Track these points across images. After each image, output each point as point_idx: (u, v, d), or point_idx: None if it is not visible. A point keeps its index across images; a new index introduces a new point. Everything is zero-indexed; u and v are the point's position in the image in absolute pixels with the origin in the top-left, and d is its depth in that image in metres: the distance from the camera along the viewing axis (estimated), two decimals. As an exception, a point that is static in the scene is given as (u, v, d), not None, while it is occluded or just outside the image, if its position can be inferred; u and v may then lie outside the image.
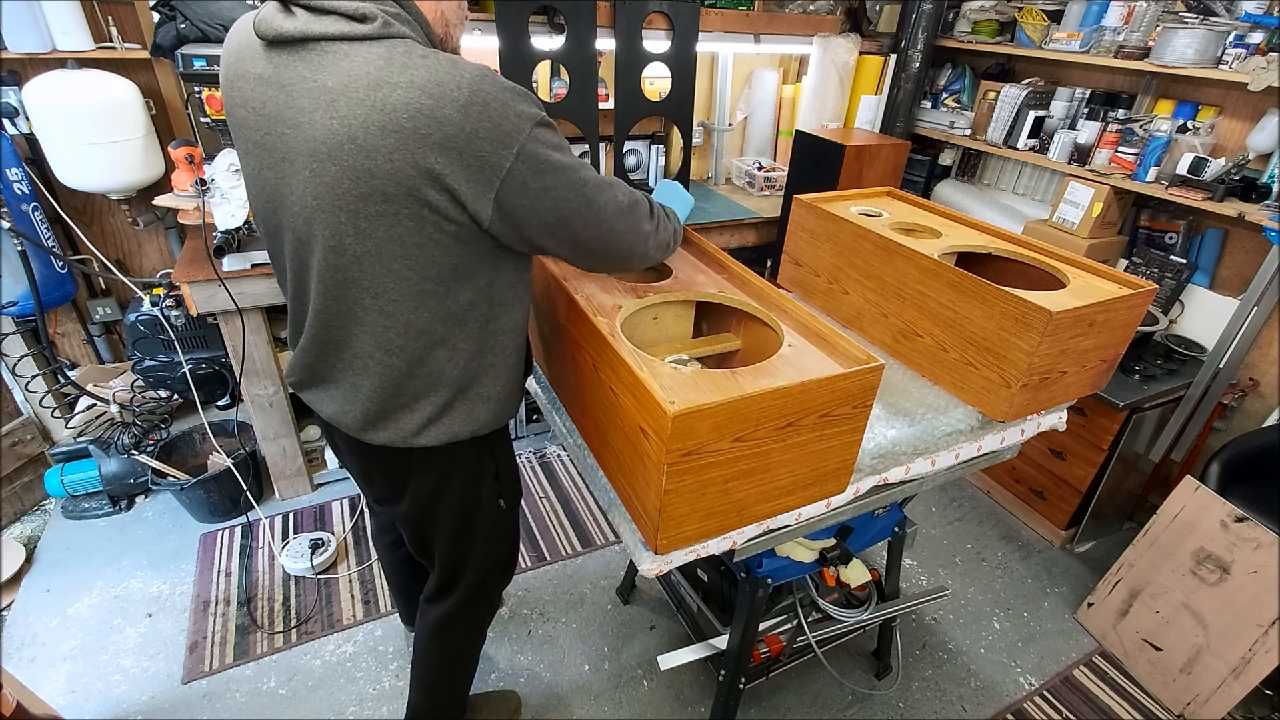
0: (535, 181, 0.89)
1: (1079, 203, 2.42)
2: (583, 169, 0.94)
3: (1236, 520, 1.79)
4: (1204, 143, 2.22)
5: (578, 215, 0.95)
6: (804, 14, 2.91)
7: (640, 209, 1.05)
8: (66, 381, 2.31)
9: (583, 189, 0.94)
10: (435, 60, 0.84)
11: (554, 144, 0.90)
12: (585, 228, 0.97)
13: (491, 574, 1.39)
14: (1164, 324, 2.35)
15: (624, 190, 1.02)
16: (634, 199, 1.04)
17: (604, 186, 0.98)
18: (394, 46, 0.85)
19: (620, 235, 1.02)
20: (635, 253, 1.07)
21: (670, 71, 2.61)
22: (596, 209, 0.97)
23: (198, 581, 2.11)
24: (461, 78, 0.83)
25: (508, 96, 0.86)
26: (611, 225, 1.00)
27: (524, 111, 0.86)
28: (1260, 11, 2.03)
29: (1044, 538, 2.51)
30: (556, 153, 0.90)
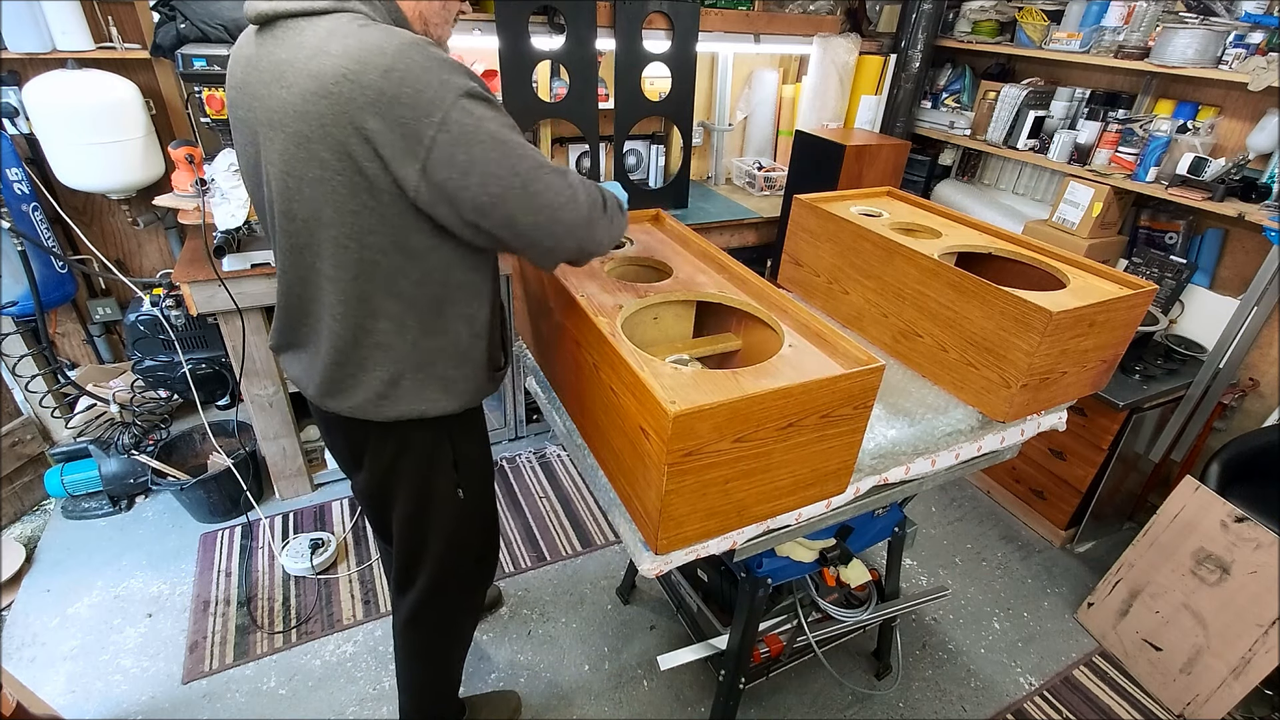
0: (463, 154, 0.87)
1: (1079, 203, 2.42)
2: (520, 148, 0.91)
3: (1236, 520, 1.79)
4: (1204, 143, 2.22)
5: (512, 196, 0.91)
6: (804, 14, 2.91)
7: (586, 197, 1.00)
8: (66, 381, 2.31)
9: (516, 167, 0.90)
10: (372, 30, 0.86)
11: (486, 117, 0.88)
12: (523, 211, 0.93)
13: (457, 570, 1.36)
14: (1164, 324, 2.35)
15: (572, 177, 0.98)
16: (580, 186, 0.99)
17: (543, 169, 0.94)
18: (340, 19, 0.88)
19: (564, 223, 0.97)
20: (583, 245, 1.03)
21: (670, 71, 2.61)
22: (533, 192, 0.93)
23: (198, 581, 2.10)
24: (389, 45, 0.84)
25: (434, 65, 0.85)
26: (553, 212, 0.96)
27: (449, 80, 0.85)
28: (1260, 11, 2.03)
29: (1044, 538, 2.51)
30: (489, 125, 0.88)
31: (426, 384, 1.10)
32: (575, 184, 0.98)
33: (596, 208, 1.02)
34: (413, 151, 0.86)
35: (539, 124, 2.59)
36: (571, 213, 0.97)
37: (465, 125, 0.86)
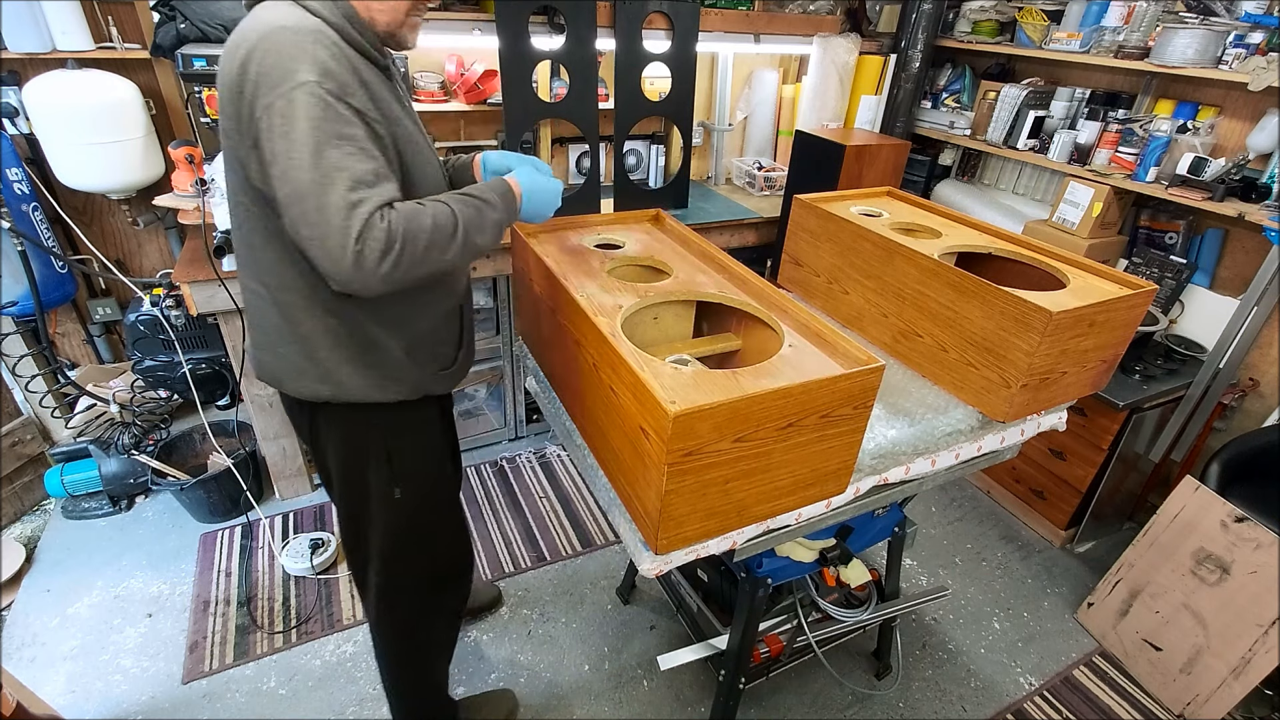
0: (271, 144, 0.88)
1: (1079, 203, 2.42)
2: (320, 159, 0.87)
3: (1236, 520, 1.79)
4: (1204, 143, 2.22)
5: (294, 204, 0.89)
6: (804, 14, 2.91)
7: (368, 234, 0.89)
8: (66, 381, 2.31)
9: (305, 176, 0.87)
10: (269, 13, 0.92)
11: (306, 115, 0.87)
12: (302, 223, 0.90)
13: (402, 585, 1.34)
14: (1164, 324, 2.35)
15: (360, 211, 0.88)
16: (357, 224, 0.88)
17: (329, 189, 0.87)
18: (267, 6, 0.95)
19: (327, 254, 0.89)
20: (346, 285, 0.93)
21: (670, 71, 2.61)
22: (307, 209, 0.88)
23: (198, 581, 2.10)
24: (267, 26, 0.89)
25: (291, 51, 0.88)
26: (321, 240, 0.89)
27: (293, 69, 0.87)
28: (1260, 11, 2.03)
29: (1044, 538, 2.51)
30: (303, 124, 0.86)
31: (331, 367, 1.11)
32: (357, 221, 0.88)
33: (374, 252, 0.89)
34: (248, 131, 0.92)
35: (539, 124, 2.59)
36: (336, 245, 0.88)
37: (284, 116, 0.87)
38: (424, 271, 0.97)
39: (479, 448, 2.79)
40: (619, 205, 2.71)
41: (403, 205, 0.94)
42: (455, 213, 1.00)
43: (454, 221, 0.99)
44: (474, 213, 1.03)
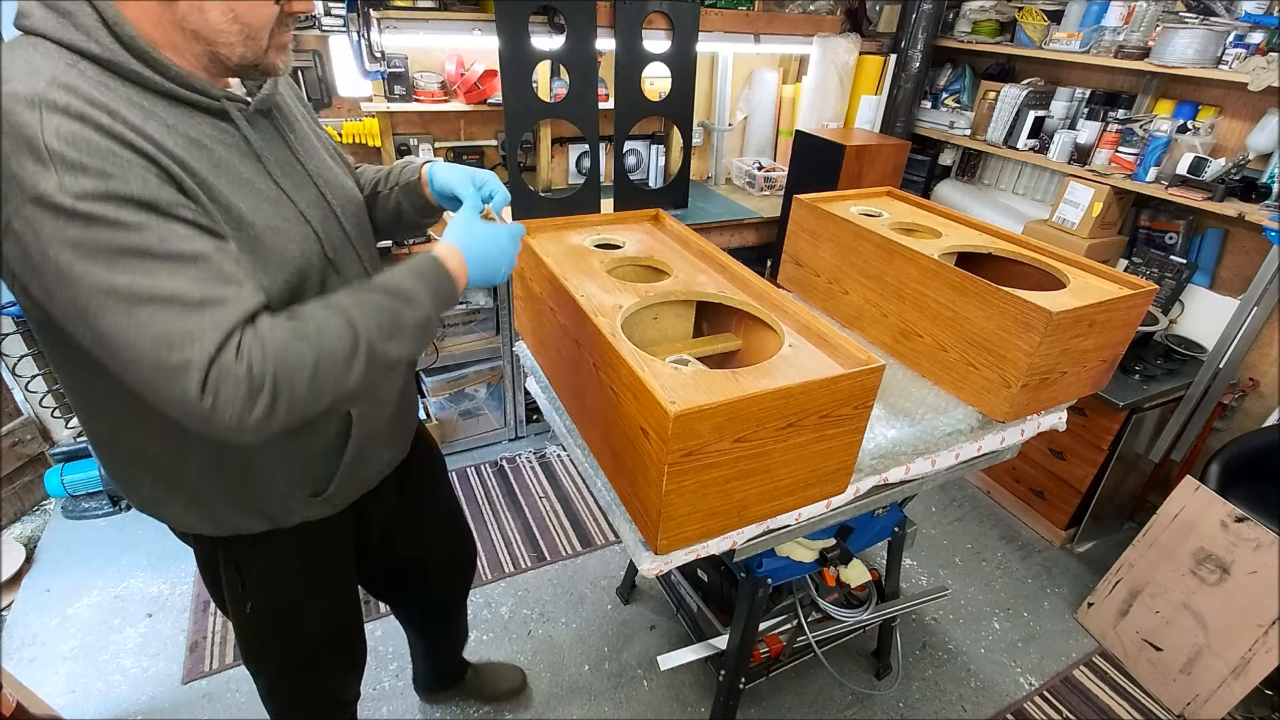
0: (28, 280, 0.65)
1: (1079, 203, 2.42)
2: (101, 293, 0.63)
3: (1236, 520, 1.79)
4: (1204, 143, 2.22)
5: (96, 349, 0.67)
6: (804, 14, 2.91)
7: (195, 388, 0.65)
8: (66, 381, 2.31)
9: (86, 324, 0.65)
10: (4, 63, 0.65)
11: (61, 241, 0.62)
12: (120, 371, 0.67)
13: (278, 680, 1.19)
14: (1164, 324, 2.35)
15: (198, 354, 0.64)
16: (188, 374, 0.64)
17: (131, 337, 0.64)
18: (10, 44, 0.68)
19: (163, 401, 0.67)
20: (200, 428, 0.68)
21: (670, 71, 2.61)
22: (117, 358, 0.66)
23: (198, 581, 2.10)
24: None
25: (11, 142, 0.61)
26: (142, 386, 0.67)
27: (18, 175, 0.61)
28: (1260, 11, 2.03)
29: (1044, 538, 2.51)
30: (58, 254, 0.62)
31: (142, 488, 0.91)
32: (192, 381, 0.64)
33: (233, 406, 0.66)
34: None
35: (539, 124, 2.60)
36: (175, 404, 0.66)
37: (28, 244, 0.63)
38: (319, 409, 0.74)
39: (479, 448, 2.79)
40: (619, 205, 2.72)
41: (269, 334, 0.68)
42: (355, 326, 0.74)
43: (352, 339, 0.74)
44: (386, 319, 0.77)
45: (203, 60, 0.74)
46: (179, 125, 0.72)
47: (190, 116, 0.74)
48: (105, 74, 0.68)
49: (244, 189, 0.77)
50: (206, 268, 0.67)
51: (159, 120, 0.70)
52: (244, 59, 0.75)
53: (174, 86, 0.72)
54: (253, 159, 0.80)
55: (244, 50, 0.74)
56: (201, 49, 0.73)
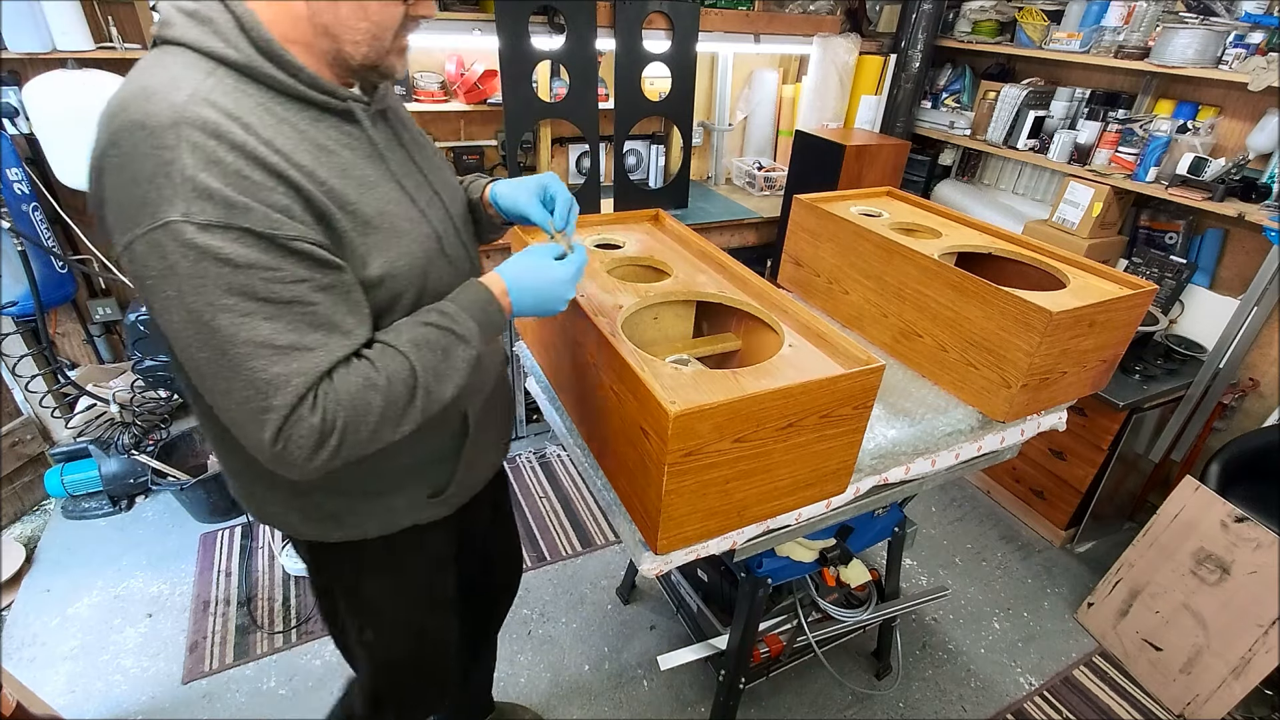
0: (139, 290, 0.68)
1: (1079, 203, 2.42)
2: (205, 327, 0.65)
3: (1236, 520, 1.79)
4: (1204, 143, 2.22)
5: (189, 369, 0.70)
6: (804, 14, 2.91)
7: (272, 432, 0.68)
8: (66, 381, 2.31)
9: (187, 347, 0.67)
10: (139, 78, 0.67)
11: (178, 271, 0.64)
12: (207, 394, 0.71)
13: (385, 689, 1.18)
14: (1164, 324, 2.35)
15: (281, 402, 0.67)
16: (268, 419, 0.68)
17: (225, 374, 0.67)
18: (152, 55, 0.70)
19: (247, 438, 0.71)
20: (274, 467, 0.72)
21: (670, 71, 2.61)
22: (216, 391, 0.69)
23: (198, 581, 2.10)
24: (119, 113, 0.65)
25: (145, 166, 0.63)
26: (238, 425, 0.70)
27: (148, 199, 0.62)
28: (1260, 11, 2.03)
29: (1044, 538, 2.51)
30: (173, 282, 0.64)
31: (266, 500, 0.94)
32: (270, 425, 0.68)
33: (302, 450, 0.70)
34: (119, 261, 0.69)
35: (539, 124, 2.60)
36: (252, 439, 0.70)
37: (148, 266, 0.64)
38: (371, 450, 0.76)
39: (479, 448, 2.79)
40: (619, 205, 2.72)
41: (344, 382, 0.71)
42: (415, 370, 0.76)
43: (411, 384, 0.76)
44: (440, 359, 0.79)
45: (326, 59, 0.75)
46: (309, 131, 0.73)
47: (318, 120, 0.75)
48: (241, 79, 0.69)
49: (370, 192, 0.78)
50: (304, 313, 0.69)
51: (290, 126, 0.71)
52: (367, 59, 0.76)
53: (305, 89, 0.72)
54: (377, 160, 0.81)
55: (368, 50, 0.75)
56: (328, 46, 0.74)
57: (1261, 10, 2.03)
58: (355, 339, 0.74)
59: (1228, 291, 2.31)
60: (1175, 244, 2.41)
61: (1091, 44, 2.43)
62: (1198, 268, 2.36)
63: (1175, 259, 2.37)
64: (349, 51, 0.75)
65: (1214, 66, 2.10)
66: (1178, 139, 2.23)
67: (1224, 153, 2.26)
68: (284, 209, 0.67)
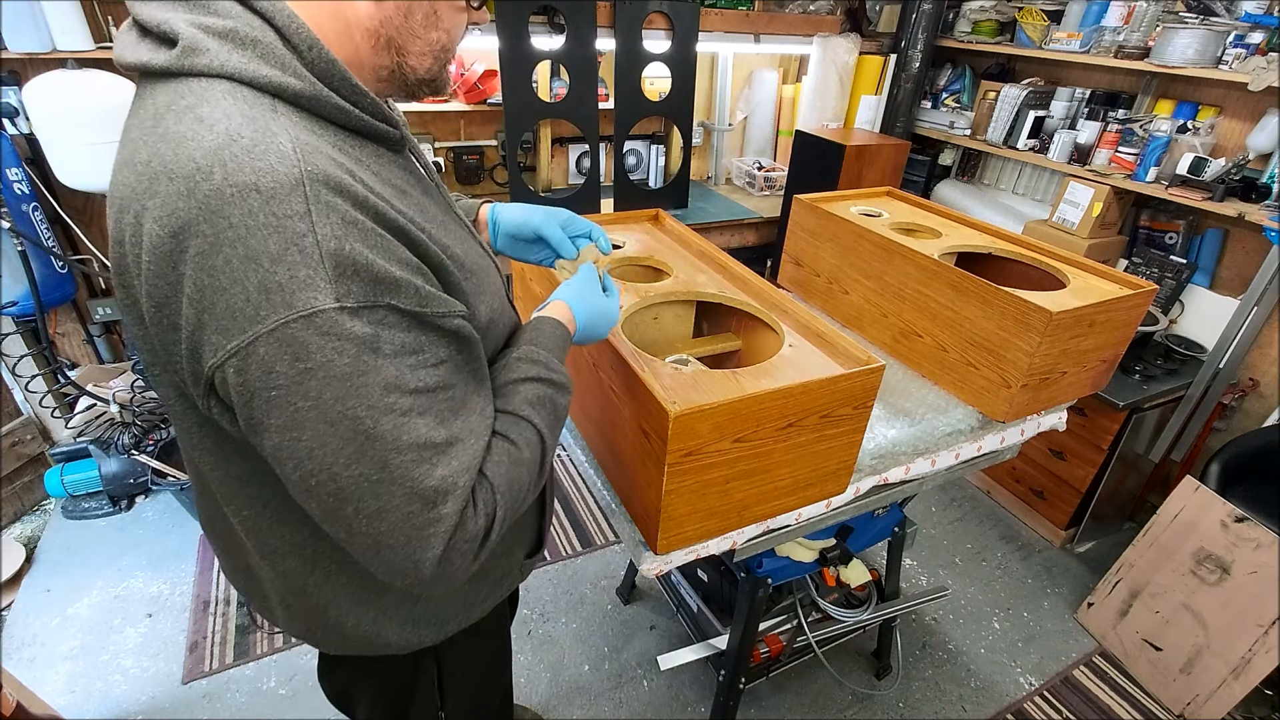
0: (247, 406, 0.53)
1: (1079, 203, 2.42)
2: (357, 435, 0.53)
3: (1236, 520, 1.79)
4: (1204, 143, 2.22)
5: (313, 497, 0.56)
6: (804, 14, 2.91)
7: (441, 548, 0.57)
8: (66, 381, 2.31)
9: (322, 468, 0.53)
10: (202, 126, 0.50)
11: (327, 374, 0.51)
12: (334, 524, 0.57)
13: None
14: (1164, 324, 2.35)
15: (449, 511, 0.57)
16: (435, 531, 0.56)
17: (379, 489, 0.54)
18: (180, 92, 0.53)
19: (390, 563, 0.58)
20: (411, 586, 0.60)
21: (670, 71, 2.61)
22: (343, 512, 0.55)
23: (198, 581, 2.10)
24: (207, 172, 0.49)
25: (271, 246, 0.48)
26: (379, 548, 0.57)
27: (282, 285, 0.49)
28: (1260, 11, 2.03)
29: (1044, 538, 2.51)
30: (317, 388, 0.51)
31: (365, 624, 0.79)
32: (439, 538, 0.57)
33: (465, 558, 0.59)
34: (192, 370, 0.54)
35: (539, 124, 2.59)
36: (405, 563, 0.57)
37: (274, 371, 0.50)
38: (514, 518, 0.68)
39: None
40: (619, 205, 2.72)
41: (495, 469, 0.62)
42: (541, 434, 0.69)
43: (542, 449, 0.69)
44: (551, 412, 0.72)
45: (380, 75, 0.64)
46: (382, 172, 0.61)
47: (380, 157, 0.62)
48: (305, 115, 0.55)
49: (447, 232, 0.67)
50: (447, 399, 0.59)
51: (368, 169, 0.59)
52: (429, 72, 0.65)
53: (370, 120, 0.60)
54: (435, 194, 0.71)
55: (432, 63, 0.65)
56: (388, 60, 0.62)
57: (1261, 10, 2.03)
58: (488, 416, 0.64)
59: (1228, 291, 2.31)
60: (1175, 244, 2.41)
61: (1091, 44, 2.43)
62: (1198, 268, 2.36)
63: (1175, 259, 2.37)
64: (413, 65, 0.63)
65: (1214, 66, 2.10)
66: (1178, 139, 2.23)
67: (1224, 153, 2.26)
68: (418, 269, 0.57)
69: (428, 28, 0.62)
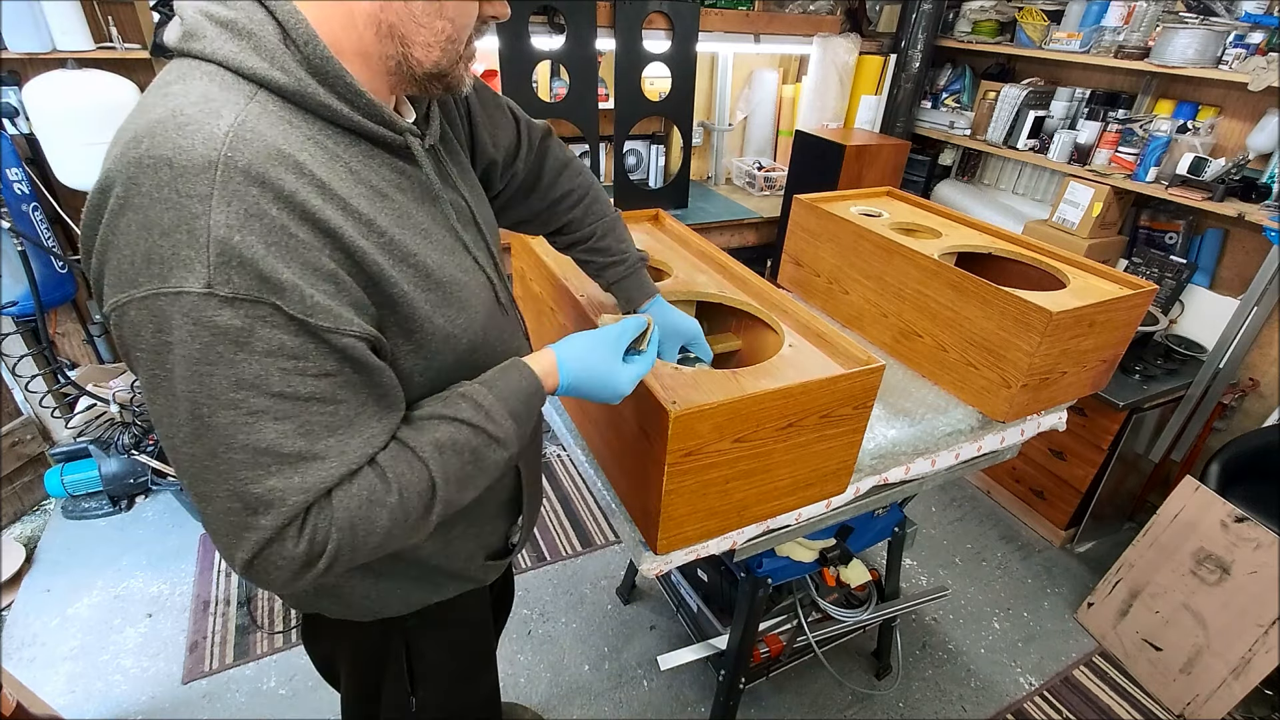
0: (126, 360, 0.57)
1: (1079, 203, 2.42)
2: (199, 420, 0.53)
3: (1236, 520, 1.79)
4: (1204, 143, 2.22)
5: (171, 462, 0.58)
6: (804, 14, 2.91)
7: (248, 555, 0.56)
8: (66, 381, 2.31)
9: (171, 438, 0.56)
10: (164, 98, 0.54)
11: (181, 352, 0.52)
12: (185, 479, 0.58)
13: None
14: (1164, 324, 2.35)
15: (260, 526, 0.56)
16: (244, 539, 0.56)
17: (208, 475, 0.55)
18: (172, 68, 0.58)
19: (220, 545, 0.58)
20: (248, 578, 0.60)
21: (670, 71, 2.61)
22: (185, 481, 0.57)
23: (198, 581, 2.10)
24: (132, 144, 0.52)
25: (162, 218, 0.50)
26: (211, 529, 0.58)
27: (159, 259, 0.51)
28: (1260, 11, 2.03)
29: (1044, 538, 2.51)
30: (171, 362, 0.52)
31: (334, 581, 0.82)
32: (246, 545, 0.56)
33: (278, 572, 0.58)
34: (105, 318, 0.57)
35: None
36: (224, 551, 0.58)
37: (139, 335, 0.53)
38: (371, 559, 0.65)
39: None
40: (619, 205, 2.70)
41: (344, 501, 0.59)
42: (433, 481, 0.64)
43: (429, 497, 0.65)
44: (467, 462, 0.67)
45: (388, 66, 0.63)
46: (362, 171, 0.62)
47: (370, 157, 0.63)
48: (289, 108, 0.57)
49: (427, 241, 0.67)
50: (322, 413, 0.57)
51: (343, 165, 0.60)
52: (438, 65, 0.64)
53: (362, 120, 0.61)
54: (430, 204, 0.70)
55: (440, 55, 0.64)
56: (392, 51, 0.62)
57: (1261, 10, 2.03)
58: (375, 444, 0.61)
59: (1228, 291, 2.31)
60: (1175, 244, 2.41)
61: (1091, 44, 2.43)
62: (1198, 268, 2.36)
63: (1175, 259, 2.37)
64: (418, 58, 0.63)
65: (1214, 66, 2.10)
66: (1178, 139, 2.23)
67: (1224, 153, 2.26)
68: (330, 276, 0.56)
69: (430, 15, 0.61)
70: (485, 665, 1.13)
